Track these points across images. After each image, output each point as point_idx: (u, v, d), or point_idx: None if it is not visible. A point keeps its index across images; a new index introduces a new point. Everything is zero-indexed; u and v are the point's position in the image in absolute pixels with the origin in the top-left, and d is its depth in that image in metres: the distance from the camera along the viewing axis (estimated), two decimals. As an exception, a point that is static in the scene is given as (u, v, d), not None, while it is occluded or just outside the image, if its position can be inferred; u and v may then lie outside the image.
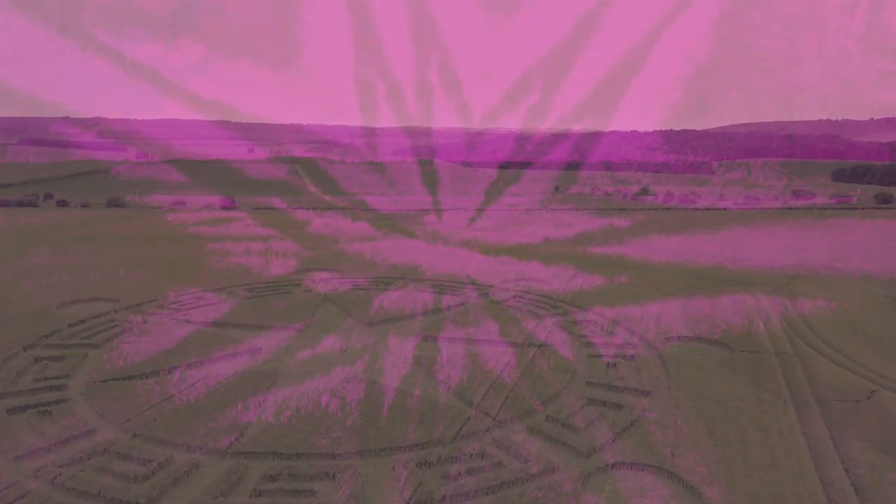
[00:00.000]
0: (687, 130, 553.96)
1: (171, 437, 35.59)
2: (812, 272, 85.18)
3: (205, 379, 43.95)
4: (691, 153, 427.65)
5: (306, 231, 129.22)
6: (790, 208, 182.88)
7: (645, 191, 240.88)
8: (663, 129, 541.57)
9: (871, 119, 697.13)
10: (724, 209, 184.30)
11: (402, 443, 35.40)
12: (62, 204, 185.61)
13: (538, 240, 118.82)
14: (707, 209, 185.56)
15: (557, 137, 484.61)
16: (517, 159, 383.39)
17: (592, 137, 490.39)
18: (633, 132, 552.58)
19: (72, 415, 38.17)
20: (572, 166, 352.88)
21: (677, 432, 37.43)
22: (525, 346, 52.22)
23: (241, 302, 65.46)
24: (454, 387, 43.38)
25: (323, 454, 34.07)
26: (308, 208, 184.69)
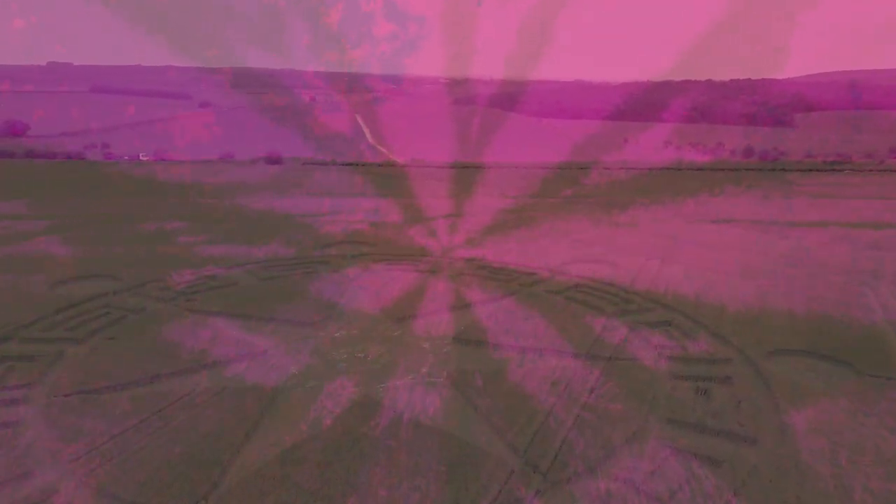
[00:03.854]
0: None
1: (121, 487, 27.55)
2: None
3: (189, 396, 35.82)
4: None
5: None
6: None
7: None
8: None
9: None
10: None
11: (419, 514, 26.30)
12: (109, 157, 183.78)
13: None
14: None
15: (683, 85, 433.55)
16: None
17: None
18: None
19: (14, 446, 30.70)
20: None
21: (803, 513, 26.79)
22: (589, 358, 41.75)
23: (258, 284, 57.30)
24: (494, 421, 33.73)
25: (313, 527, 25.40)
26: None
